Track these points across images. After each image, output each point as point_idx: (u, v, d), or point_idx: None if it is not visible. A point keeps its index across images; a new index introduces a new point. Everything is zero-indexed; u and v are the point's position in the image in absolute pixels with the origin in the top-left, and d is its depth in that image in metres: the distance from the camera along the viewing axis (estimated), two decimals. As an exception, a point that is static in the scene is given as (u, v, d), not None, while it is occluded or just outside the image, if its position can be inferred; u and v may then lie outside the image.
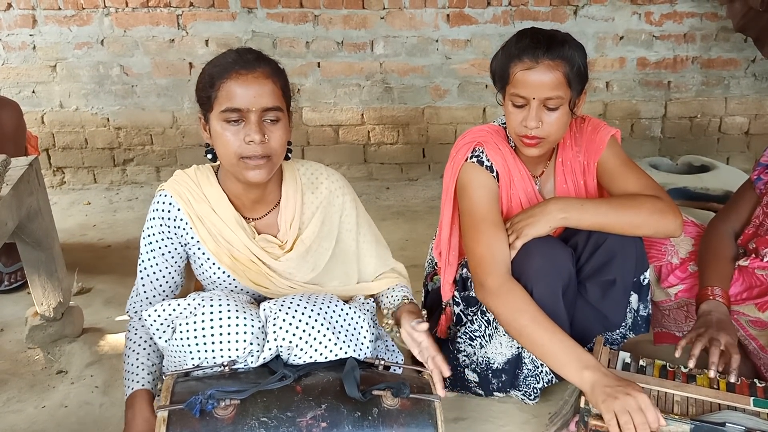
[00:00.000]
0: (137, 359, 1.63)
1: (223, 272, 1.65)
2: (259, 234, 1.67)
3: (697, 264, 1.96)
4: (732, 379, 1.61)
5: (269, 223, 1.70)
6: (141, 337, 1.66)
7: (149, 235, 1.66)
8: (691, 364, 1.66)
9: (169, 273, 1.68)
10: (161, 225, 1.64)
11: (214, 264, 1.65)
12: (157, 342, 1.54)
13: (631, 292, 1.89)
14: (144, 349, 1.65)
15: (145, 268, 1.68)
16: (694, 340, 1.69)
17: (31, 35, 3.75)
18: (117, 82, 3.87)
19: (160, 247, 1.66)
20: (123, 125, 3.95)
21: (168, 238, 1.65)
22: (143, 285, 1.69)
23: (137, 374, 1.60)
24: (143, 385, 1.58)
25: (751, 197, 1.97)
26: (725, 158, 4.22)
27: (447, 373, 1.55)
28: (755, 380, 1.63)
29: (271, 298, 1.62)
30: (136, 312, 1.70)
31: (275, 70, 1.56)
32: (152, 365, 1.63)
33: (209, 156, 1.63)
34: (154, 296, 1.69)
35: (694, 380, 1.62)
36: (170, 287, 1.70)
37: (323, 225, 1.72)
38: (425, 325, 1.62)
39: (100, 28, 3.75)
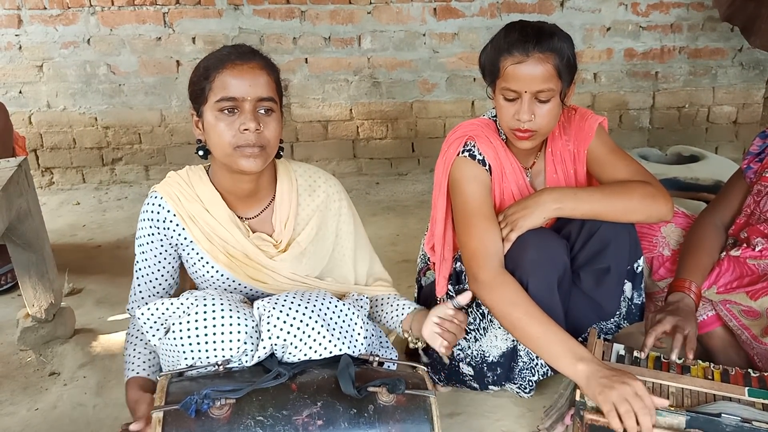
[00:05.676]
0: (134, 349, 1.65)
1: (217, 271, 1.64)
2: (253, 233, 1.67)
3: (679, 253, 1.97)
4: (672, 358, 1.67)
5: (263, 222, 1.69)
6: (140, 331, 1.67)
7: (141, 237, 1.67)
8: (645, 352, 1.70)
9: (162, 275, 1.69)
10: (151, 227, 1.65)
11: (208, 263, 1.64)
12: (150, 340, 1.54)
13: (625, 281, 1.89)
14: (141, 340, 1.67)
15: (140, 269, 1.69)
16: (654, 324, 1.73)
17: (16, 35, 3.72)
18: (104, 81, 3.84)
19: (151, 249, 1.67)
20: (111, 124, 3.93)
21: (159, 240, 1.66)
22: (138, 285, 1.70)
23: (133, 363, 1.63)
24: (138, 372, 1.61)
25: (741, 187, 1.98)
26: (714, 148, 4.25)
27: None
28: (749, 370, 1.63)
29: (267, 295, 1.63)
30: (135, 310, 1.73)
31: (269, 63, 1.59)
32: (150, 353, 1.65)
33: (200, 153, 1.62)
34: (149, 296, 1.70)
35: (688, 371, 1.63)
36: (164, 288, 1.71)
37: (320, 229, 1.72)
38: (468, 294, 1.69)
39: (87, 27, 3.73)
